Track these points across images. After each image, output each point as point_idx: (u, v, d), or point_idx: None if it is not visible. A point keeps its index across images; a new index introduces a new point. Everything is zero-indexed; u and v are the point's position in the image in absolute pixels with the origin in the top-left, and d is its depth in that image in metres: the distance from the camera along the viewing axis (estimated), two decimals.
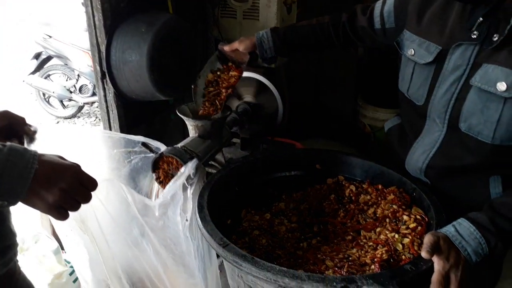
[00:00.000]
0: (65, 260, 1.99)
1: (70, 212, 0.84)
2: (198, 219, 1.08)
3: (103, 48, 1.59)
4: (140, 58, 1.52)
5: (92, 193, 0.88)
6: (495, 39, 0.99)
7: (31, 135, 1.11)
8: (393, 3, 1.28)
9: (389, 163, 1.34)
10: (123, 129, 1.73)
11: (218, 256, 1.36)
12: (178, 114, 1.39)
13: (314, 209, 1.32)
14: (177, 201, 1.23)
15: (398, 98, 1.33)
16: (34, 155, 0.78)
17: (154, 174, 1.32)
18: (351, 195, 1.30)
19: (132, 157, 1.32)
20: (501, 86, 0.98)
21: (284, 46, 1.41)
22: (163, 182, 1.32)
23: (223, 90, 1.43)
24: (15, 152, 0.76)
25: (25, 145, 1.09)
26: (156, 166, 1.31)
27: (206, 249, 1.32)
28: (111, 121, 1.75)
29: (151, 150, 1.30)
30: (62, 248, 2.01)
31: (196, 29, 2.04)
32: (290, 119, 3.05)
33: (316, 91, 3.55)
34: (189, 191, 1.25)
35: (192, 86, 1.42)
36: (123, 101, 1.71)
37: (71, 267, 1.96)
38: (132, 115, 1.79)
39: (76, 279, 1.94)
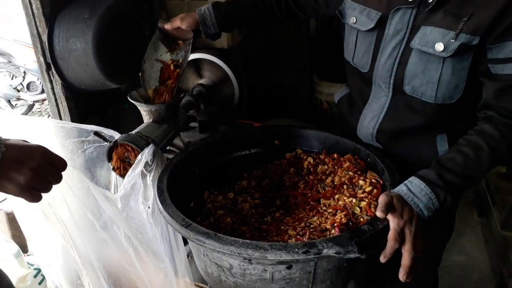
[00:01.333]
0: (28, 263, 1.92)
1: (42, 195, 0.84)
2: (159, 203, 1.07)
3: (45, 38, 1.51)
4: (85, 45, 1.45)
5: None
6: (430, 1, 1.03)
7: None
8: None
9: (343, 133, 1.38)
10: (75, 122, 1.66)
11: (185, 243, 1.37)
12: (130, 100, 1.35)
13: (275, 184, 1.34)
14: (137, 190, 1.22)
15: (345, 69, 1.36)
16: (0, 139, 0.77)
17: (110, 164, 1.29)
18: (309, 166, 1.33)
19: (86, 147, 1.28)
20: (439, 47, 1.03)
21: (227, 21, 1.39)
22: (120, 171, 1.30)
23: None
24: None
25: None
26: (111, 155, 1.28)
27: (172, 234, 1.32)
28: (62, 114, 1.67)
29: (105, 139, 1.26)
30: (24, 251, 1.94)
31: (143, 12, 1.98)
32: (249, 100, 3.06)
33: (272, 72, 3.56)
34: (148, 178, 1.23)
35: (140, 73, 1.38)
36: (72, 92, 1.64)
37: (35, 269, 1.90)
38: (83, 106, 1.72)
39: (42, 280, 1.88)
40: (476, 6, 0.99)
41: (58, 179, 0.86)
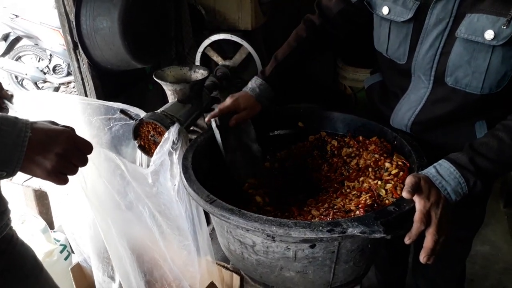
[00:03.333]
0: (54, 239, 1.98)
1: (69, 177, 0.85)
2: (184, 179, 1.07)
3: (72, 17, 1.53)
4: (111, 24, 1.47)
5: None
6: None
7: (8, 99, 1.09)
8: None
9: (370, 116, 1.35)
10: None
11: (208, 223, 1.38)
12: (155, 78, 1.36)
13: (298, 166, 1.33)
14: (166, 167, 1.24)
15: (376, 57, 1.29)
16: (26, 123, 0.77)
17: (136, 142, 1.31)
18: (333, 149, 1.32)
19: (112, 124, 1.30)
20: (489, 35, 0.96)
21: (283, 84, 1.34)
22: (145, 149, 1.31)
23: None
24: (7, 122, 0.75)
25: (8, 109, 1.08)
26: (137, 133, 1.29)
27: (195, 212, 1.33)
28: (88, 93, 1.70)
29: (131, 117, 1.28)
30: (50, 228, 2.00)
31: None
32: None
33: None
34: (175, 156, 1.24)
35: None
36: (98, 71, 1.67)
37: (61, 245, 1.95)
38: (109, 86, 1.75)
39: (67, 256, 1.94)
40: None
41: (84, 162, 0.87)
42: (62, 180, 0.83)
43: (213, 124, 1.24)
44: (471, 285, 2.08)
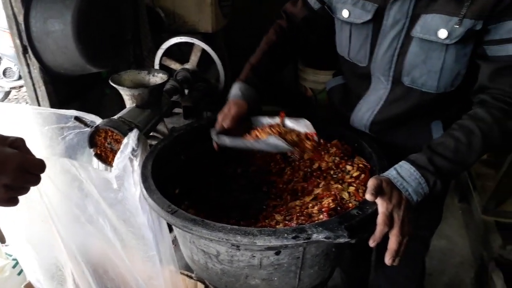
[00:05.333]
0: (6, 253, 1.86)
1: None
2: (143, 189, 1.04)
3: (21, 19, 1.44)
4: (64, 27, 1.39)
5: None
6: None
7: None
8: None
9: (330, 119, 1.36)
10: (54, 108, 1.60)
11: (170, 230, 1.34)
12: (111, 83, 1.30)
13: (262, 171, 1.32)
14: (129, 172, 1.18)
15: (337, 60, 1.30)
16: None
17: (92, 150, 1.25)
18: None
19: (65, 133, 1.24)
20: (442, 34, 0.99)
21: (264, 84, 1.30)
22: (102, 158, 1.26)
23: None
24: None
25: None
26: (93, 141, 1.24)
27: (157, 221, 1.29)
28: (40, 99, 1.61)
29: (86, 124, 1.22)
30: (2, 242, 1.89)
31: None
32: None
33: None
34: (135, 163, 1.20)
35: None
36: (50, 76, 1.58)
37: (14, 259, 1.84)
38: (63, 91, 1.66)
39: (20, 272, 1.83)
40: None
41: (36, 182, 0.78)
42: (12, 203, 0.75)
43: (224, 140, 1.17)
44: (429, 280, 2.15)
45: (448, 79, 1.06)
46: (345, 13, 1.15)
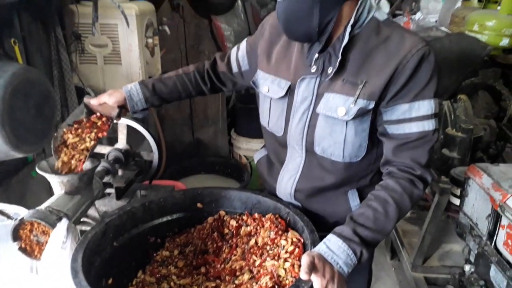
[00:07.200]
0: None
1: None
2: (74, 286, 0.98)
3: None
4: None
5: None
6: (329, 71, 1.16)
7: None
8: (245, 48, 1.41)
9: (265, 192, 1.43)
10: None
11: None
12: (38, 171, 1.26)
13: (199, 250, 1.31)
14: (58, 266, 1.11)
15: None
16: None
17: (16, 244, 1.17)
18: (232, 229, 1.34)
19: None
20: (341, 111, 1.15)
21: (154, 97, 1.41)
22: (27, 251, 1.18)
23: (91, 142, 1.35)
24: None
25: None
26: (17, 234, 1.16)
27: None
28: None
29: (9, 217, 1.15)
30: None
31: (52, 77, 1.90)
32: (169, 158, 3.02)
33: (191, 129, 3.61)
34: (66, 255, 1.14)
35: (52, 140, 1.31)
36: None
37: None
38: None
39: None
40: (369, 75, 1.13)
41: None
42: None
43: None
44: None
45: (352, 150, 1.20)
46: (265, 89, 1.30)
